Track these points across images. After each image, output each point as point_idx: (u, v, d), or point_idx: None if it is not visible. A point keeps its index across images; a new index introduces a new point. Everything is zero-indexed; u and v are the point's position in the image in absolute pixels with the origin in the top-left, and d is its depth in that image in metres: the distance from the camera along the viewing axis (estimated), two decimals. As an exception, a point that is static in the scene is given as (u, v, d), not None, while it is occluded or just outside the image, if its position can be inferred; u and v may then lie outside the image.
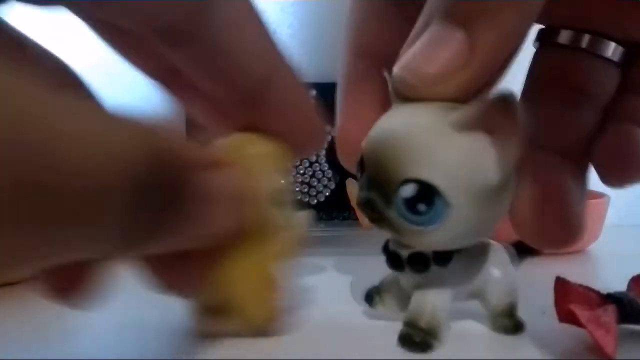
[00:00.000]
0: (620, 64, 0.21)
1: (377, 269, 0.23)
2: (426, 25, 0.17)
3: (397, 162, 0.17)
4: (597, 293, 0.20)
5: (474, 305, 0.24)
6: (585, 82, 0.21)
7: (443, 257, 0.19)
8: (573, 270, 0.27)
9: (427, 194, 0.17)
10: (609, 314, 0.19)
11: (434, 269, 0.20)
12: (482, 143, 0.17)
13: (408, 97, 0.18)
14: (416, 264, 0.20)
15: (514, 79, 0.19)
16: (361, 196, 0.19)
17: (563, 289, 0.20)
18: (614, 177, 0.19)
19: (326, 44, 0.46)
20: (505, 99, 0.15)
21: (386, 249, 0.20)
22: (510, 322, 0.21)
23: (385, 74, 0.19)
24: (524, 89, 0.23)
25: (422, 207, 0.17)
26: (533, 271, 0.32)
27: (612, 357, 0.17)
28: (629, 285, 0.22)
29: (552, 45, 0.21)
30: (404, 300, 0.21)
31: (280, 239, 0.20)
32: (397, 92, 0.18)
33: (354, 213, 0.43)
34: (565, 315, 0.20)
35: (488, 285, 0.21)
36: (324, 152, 0.45)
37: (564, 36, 0.21)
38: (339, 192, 0.45)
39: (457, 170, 0.17)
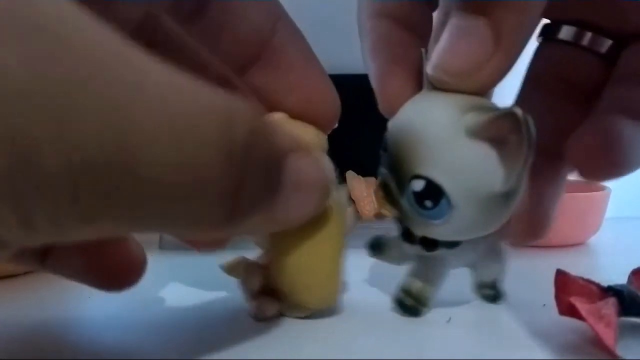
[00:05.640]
0: (607, 57, 0.21)
1: (377, 261, 0.23)
2: (446, 16, 0.17)
3: (412, 156, 0.18)
4: (598, 286, 0.20)
5: (473, 300, 0.24)
6: (575, 76, 0.21)
7: (452, 242, 0.21)
8: (573, 263, 0.27)
9: (435, 192, 0.18)
10: (610, 306, 0.19)
11: (442, 249, 0.21)
12: (493, 153, 0.17)
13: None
14: (427, 244, 0.21)
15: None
16: (381, 175, 0.20)
17: (563, 281, 0.20)
18: (591, 172, 0.20)
19: (325, 39, 0.45)
20: (517, 114, 0.16)
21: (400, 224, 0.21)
22: (492, 292, 0.24)
23: (422, 50, 0.19)
24: (522, 83, 0.22)
25: (428, 203, 0.18)
26: (533, 264, 0.32)
27: (612, 350, 0.17)
28: (629, 278, 0.22)
29: (552, 41, 0.21)
30: (402, 257, 0.22)
31: (342, 217, 0.20)
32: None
33: (354, 205, 0.43)
34: (566, 308, 0.20)
35: (481, 262, 0.23)
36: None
37: (565, 32, 0.21)
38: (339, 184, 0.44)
39: (465, 176, 0.17)
